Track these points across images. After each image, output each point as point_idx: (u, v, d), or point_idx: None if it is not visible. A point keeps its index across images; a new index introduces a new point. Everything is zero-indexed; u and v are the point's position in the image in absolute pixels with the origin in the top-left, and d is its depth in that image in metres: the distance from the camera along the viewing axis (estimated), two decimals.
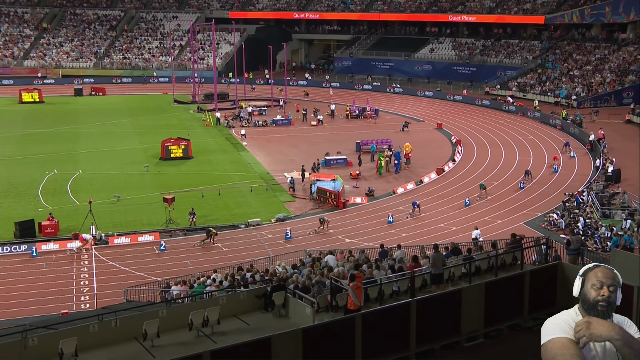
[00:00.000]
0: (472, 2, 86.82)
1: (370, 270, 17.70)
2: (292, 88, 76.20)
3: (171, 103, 70.93)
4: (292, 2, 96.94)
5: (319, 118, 61.32)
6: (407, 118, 61.91)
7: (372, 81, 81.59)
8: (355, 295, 13.79)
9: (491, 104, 68.38)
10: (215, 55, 76.30)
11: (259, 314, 15.05)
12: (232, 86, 73.72)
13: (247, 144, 53.46)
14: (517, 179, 42.94)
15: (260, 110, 65.78)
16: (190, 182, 43.13)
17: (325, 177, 42.24)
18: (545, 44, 79.62)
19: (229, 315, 14.77)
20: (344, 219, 37.10)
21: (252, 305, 15.28)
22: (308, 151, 50.74)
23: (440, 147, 52.83)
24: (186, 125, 60.20)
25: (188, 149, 49.06)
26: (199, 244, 33.60)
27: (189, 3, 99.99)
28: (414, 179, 43.57)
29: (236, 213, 37.79)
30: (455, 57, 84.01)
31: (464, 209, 37.98)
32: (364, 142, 50.96)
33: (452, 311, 12.40)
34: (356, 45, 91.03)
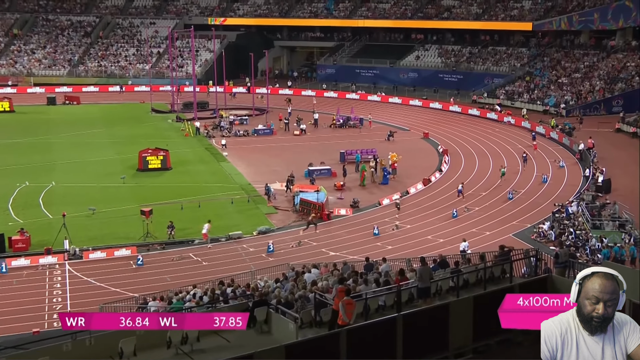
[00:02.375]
0: (458, 8, 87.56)
1: (355, 285, 17.69)
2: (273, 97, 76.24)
3: (149, 112, 70.71)
4: (274, 9, 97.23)
5: (302, 127, 61.38)
6: (393, 127, 62.12)
7: (356, 89, 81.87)
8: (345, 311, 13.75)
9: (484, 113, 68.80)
10: (195, 63, 76.26)
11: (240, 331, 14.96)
12: (212, 95, 73.68)
13: (227, 155, 53.37)
14: (506, 189, 43.20)
15: (241, 119, 65.74)
16: (168, 194, 42.94)
17: (309, 188, 42.24)
18: (533, 51, 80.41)
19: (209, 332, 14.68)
20: (328, 231, 37.08)
21: None
22: (291, 161, 50.74)
23: (427, 157, 53.05)
24: (164, 135, 59.98)
25: (166, 160, 48.88)
26: (305, 228, 36.17)
27: (167, 9, 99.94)
28: (400, 190, 43.68)
29: (216, 226, 37.64)
30: (442, 64, 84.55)
31: (451, 221, 38.11)
32: (348, 152, 51.05)
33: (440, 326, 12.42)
34: (340, 52, 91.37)
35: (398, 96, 77.44)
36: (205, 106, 72.44)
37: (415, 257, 25.04)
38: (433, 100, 74.72)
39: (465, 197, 41.84)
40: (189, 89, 77.61)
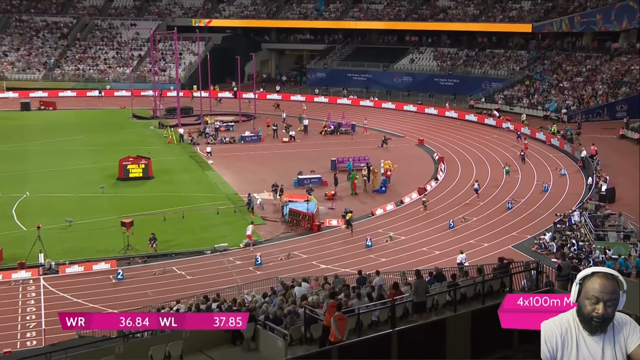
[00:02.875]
0: (455, 9, 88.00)
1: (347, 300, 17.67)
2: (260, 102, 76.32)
3: (129, 118, 70.61)
4: (261, 10, 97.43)
5: (291, 134, 61.45)
6: (387, 134, 62.28)
7: (348, 94, 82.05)
8: (337, 327, 13.72)
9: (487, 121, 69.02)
10: (178, 66, 76.29)
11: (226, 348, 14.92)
12: (197, 100, 73.70)
13: (213, 163, 53.34)
14: (505, 198, 43.35)
15: (227, 125, 65.75)
16: (150, 205, 42.84)
17: (298, 198, 42.24)
18: (533, 54, 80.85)
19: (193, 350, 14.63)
20: (318, 243, 37.07)
21: (219, 339, 15.15)
22: (280, 169, 50.73)
23: (422, 164, 53.18)
24: (146, 143, 59.88)
25: (148, 168, 48.78)
26: (347, 227, 38.04)
27: (149, 10, 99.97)
28: (394, 199, 43.74)
29: (201, 237, 37.57)
30: (437, 68, 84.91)
31: (447, 232, 38.17)
32: (339, 160, 51.12)
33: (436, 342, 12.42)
34: (331, 55, 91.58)
35: (392, 101, 77.66)
36: (190, 112, 72.39)
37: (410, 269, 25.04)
38: (428, 106, 74.96)
39: (480, 197, 43.18)
40: (172, 94, 77.53)
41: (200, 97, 71.43)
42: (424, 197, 42.97)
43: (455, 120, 69.75)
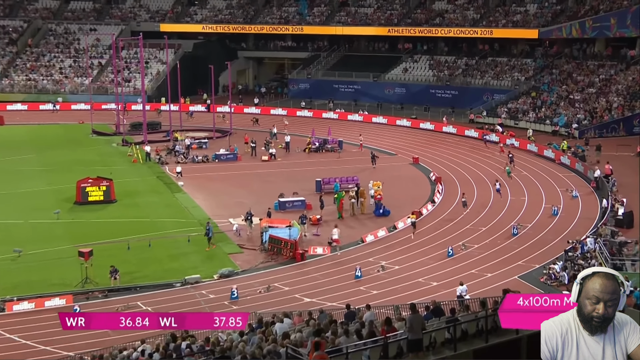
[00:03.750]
0: (452, 13, 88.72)
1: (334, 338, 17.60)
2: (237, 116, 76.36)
3: (89, 134, 70.41)
4: (237, 14, 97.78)
5: (271, 152, 61.49)
6: (378, 151, 62.42)
7: (334, 107, 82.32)
8: None
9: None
10: (144, 77, 76.29)
11: None
12: (165, 114, 73.64)
13: (183, 184, 53.23)
14: (510, 223, 43.49)
15: (199, 142, 65.69)
16: (112, 232, 42.62)
17: (279, 223, 42.19)
18: (540, 63, 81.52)
19: None
20: (302, 274, 36.99)
21: None
22: (259, 191, 50.62)
23: (417, 185, 53.30)
24: (108, 162, 59.71)
25: (110, 191, 48.62)
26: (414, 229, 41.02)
27: (111, 13, 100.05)
28: (386, 224, 43.77)
29: (170, 268, 37.38)
30: (433, 78, 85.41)
31: (446, 260, 38.20)
32: (325, 181, 51.14)
33: None
34: (315, 64, 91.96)
35: (383, 115, 77.98)
36: (157, 127, 72.28)
37: (405, 303, 24.99)
38: (424, 120, 75.29)
39: (502, 196, 47.01)
40: (137, 107, 77.47)
41: (169, 110, 71.38)
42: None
43: (453, 136, 70.03)
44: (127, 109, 77.44)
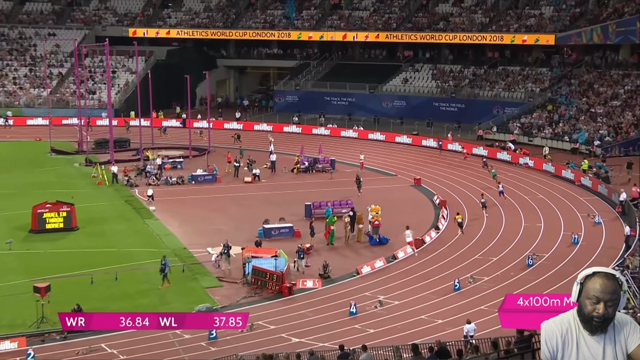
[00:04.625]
0: (458, 16, 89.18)
1: None
2: (216, 132, 76.41)
3: (47, 153, 70.32)
4: (216, 17, 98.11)
5: (254, 172, 61.52)
6: (373, 171, 62.46)
7: (325, 122, 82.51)
8: None
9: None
10: (111, 88, 76.35)
11: None
12: (135, 130, 73.62)
13: (155, 209, 53.17)
14: (524, 252, 43.56)
15: (173, 162, 65.70)
16: (73, 264, 42.40)
17: (264, 253, 42.08)
18: (557, 72, 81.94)
19: None
20: (289, 310, 36.90)
21: None
22: (240, 217, 50.56)
23: (419, 210, 53.34)
24: (69, 184, 59.59)
25: (71, 217, 48.46)
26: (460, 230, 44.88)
27: (73, 16, 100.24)
28: (385, 254, 43.75)
29: (140, 305, 37.19)
30: (437, 89, 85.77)
31: (452, 295, 38.17)
32: (316, 205, 51.17)
33: None
34: (304, 74, 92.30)
35: (380, 131, 78.25)
36: (126, 145, 72.30)
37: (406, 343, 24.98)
38: (426, 137, 75.54)
39: (507, 199, 49.65)
40: (103, 122, 77.47)
41: (140, 126, 71.37)
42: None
43: (459, 154, 70.22)
44: (91, 125, 77.39)
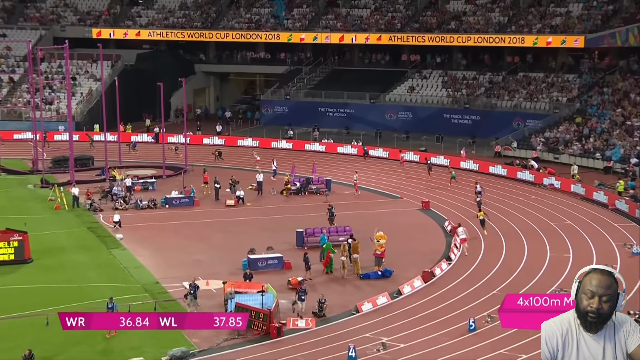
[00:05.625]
0: (472, 15, 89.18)
1: None
2: (194, 149, 76.41)
3: None
4: (194, 16, 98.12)
5: (238, 195, 61.45)
6: (374, 193, 62.37)
7: (319, 137, 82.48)
8: None
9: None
10: (71, 97, 76.28)
11: None
12: (99, 145, 73.56)
13: (123, 237, 53.01)
14: (550, 287, 43.59)
15: (144, 183, 65.65)
16: (26, 302, 42.20)
17: (249, 288, 42.03)
18: (587, 79, 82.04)
19: None
20: (278, 354, 36.86)
21: None
22: (222, 246, 50.51)
23: (427, 238, 53.30)
24: (21, 209, 59.53)
25: (24, 248, 48.18)
26: None
27: (26, 14, 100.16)
28: (389, 289, 43.69)
29: (105, 349, 37.08)
30: (448, 99, 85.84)
31: (467, 336, 38.12)
32: (309, 232, 51.15)
33: None
34: (295, 82, 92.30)
35: (383, 147, 78.31)
36: (89, 163, 72.19)
37: None
38: (436, 153, 75.55)
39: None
40: (61, 137, 77.35)
41: (105, 141, 71.26)
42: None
43: (474, 173, 70.27)
44: (48, 140, 77.31)
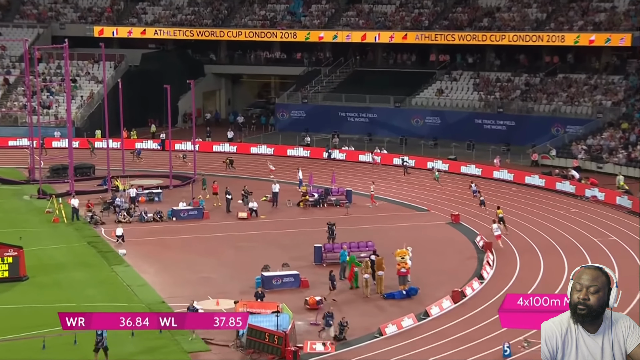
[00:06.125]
0: (507, 12, 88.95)
1: None
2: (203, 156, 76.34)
3: None
4: (204, 13, 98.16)
5: (251, 207, 61.26)
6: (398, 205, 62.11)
7: (340, 143, 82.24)
8: None
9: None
10: (71, 101, 76.32)
11: None
12: (100, 153, 73.56)
13: (126, 253, 52.90)
14: None
15: (150, 193, 65.57)
16: (21, 323, 42.13)
17: (263, 309, 41.72)
18: (634, 81, 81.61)
19: None
20: None
21: None
22: (233, 263, 50.31)
23: (457, 254, 53.01)
24: (16, 222, 59.56)
25: (18, 264, 48.14)
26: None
27: (22, 10, 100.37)
28: (415, 310, 43.36)
29: None
30: (480, 103, 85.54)
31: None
32: (328, 248, 50.85)
33: None
34: (313, 84, 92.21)
35: (409, 155, 77.99)
36: (89, 172, 72.19)
37: None
38: (466, 162, 75.37)
39: None
40: (60, 144, 77.41)
41: (107, 148, 71.30)
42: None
43: (509, 184, 69.99)
44: (46, 147, 77.37)
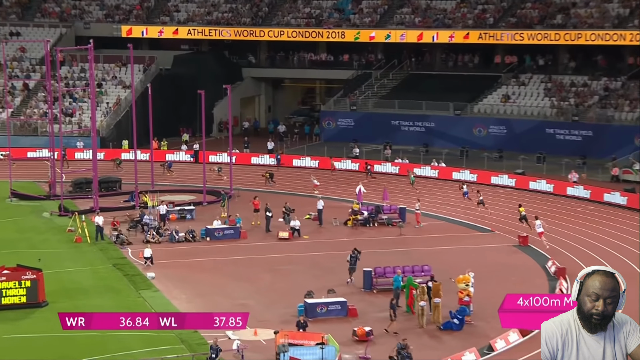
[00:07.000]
0: (583, 7, 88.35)
1: None
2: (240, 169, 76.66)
3: (6, 199, 70.96)
4: (242, 11, 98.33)
5: (293, 225, 61.45)
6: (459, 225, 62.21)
7: (392, 156, 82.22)
8: None
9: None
10: (96, 108, 76.85)
11: None
12: (127, 166, 74.00)
13: (155, 276, 53.24)
14: None
15: (181, 210, 66.02)
16: (39, 354, 42.54)
17: (306, 339, 42.00)
18: None
19: None
20: None
21: None
22: (273, 288, 50.60)
23: (526, 281, 52.95)
24: (35, 242, 60.09)
25: (37, 288, 48.56)
26: None
27: (44, 9, 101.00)
28: (477, 343, 43.44)
29: None
30: (552, 110, 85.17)
31: None
32: (379, 272, 51.01)
33: None
34: (363, 89, 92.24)
35: (470, 169, 77.87)
36: (115, 186, 72.69)
37: None
38: (536, 177, 75.12)
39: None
40: (83, 155, 77.97)
41: (135, 160, 71.72)
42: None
43: (584, 202, 69.79)
44: (68, 159, 77.95)
